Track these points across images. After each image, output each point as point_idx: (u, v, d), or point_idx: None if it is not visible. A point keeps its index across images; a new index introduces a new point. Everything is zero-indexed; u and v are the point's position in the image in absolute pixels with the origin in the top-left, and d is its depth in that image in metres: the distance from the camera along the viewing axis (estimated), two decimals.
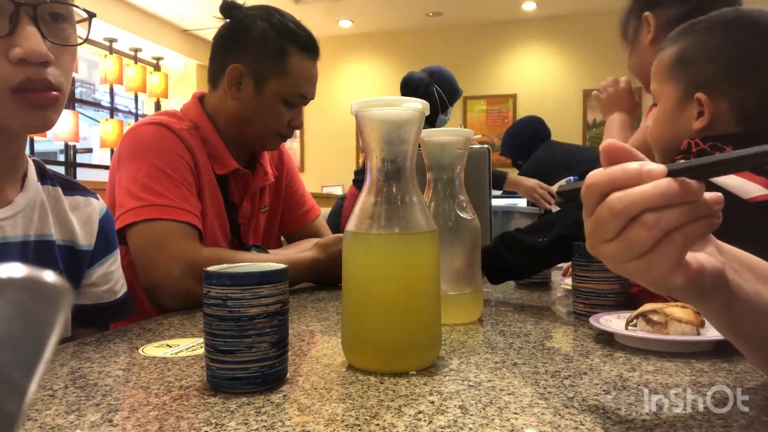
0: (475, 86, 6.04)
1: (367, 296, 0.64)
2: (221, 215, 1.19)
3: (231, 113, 1.21)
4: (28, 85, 0.67)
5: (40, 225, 0.78)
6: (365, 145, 0.64)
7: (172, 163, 1.08)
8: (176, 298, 1.01)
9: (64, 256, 0.82)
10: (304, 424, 0.47)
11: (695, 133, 0.87)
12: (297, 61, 1.19)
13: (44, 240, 0.78)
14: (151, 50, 5.59)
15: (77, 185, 0.88)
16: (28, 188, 0.77)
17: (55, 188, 0.82)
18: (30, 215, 0.77)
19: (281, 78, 1.18)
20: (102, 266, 0.88)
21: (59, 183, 0.83)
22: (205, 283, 0.55)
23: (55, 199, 0.82)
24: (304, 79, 1.21)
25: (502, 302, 1.07)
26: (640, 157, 0.42)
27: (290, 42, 1.19)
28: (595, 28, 5.62)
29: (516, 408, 0.50)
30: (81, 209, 0.85)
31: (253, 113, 1.20)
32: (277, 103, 1.20)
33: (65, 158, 4.77)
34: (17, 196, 0.76)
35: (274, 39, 1.18)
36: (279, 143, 1.28)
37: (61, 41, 0.70)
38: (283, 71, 1.18)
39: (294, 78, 1.19)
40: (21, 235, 0.75)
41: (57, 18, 0.70)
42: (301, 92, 1.21)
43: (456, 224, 0.85)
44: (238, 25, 1.21)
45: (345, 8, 5.62)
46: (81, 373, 0.62)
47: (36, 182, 0.79)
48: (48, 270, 0.18)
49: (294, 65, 1.19)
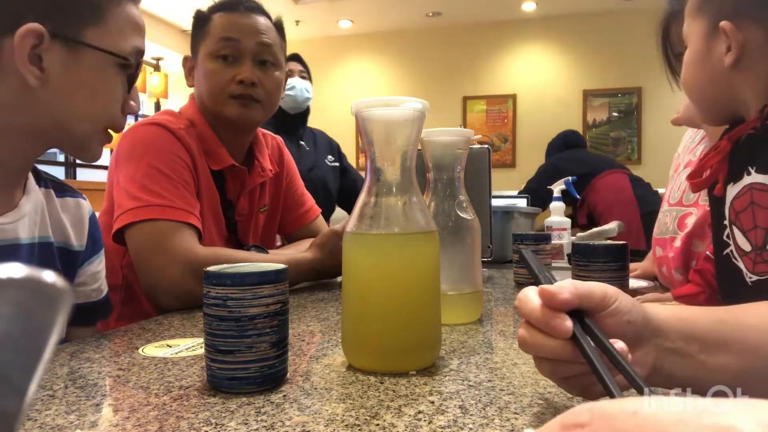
0: (474, 86, 6.04)
1: (367, 296, 0.64)
2: (217, 213, 1.19)
3: (198, 103, 1.23)
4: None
5: (42, 227, 0.80)
6: (365, 145, 0.64)
7: (170, 163, 1.08)
8: (175, 298, 1.01)
9: (60, 256, 0.83)
10: (304, 424, 0.47)
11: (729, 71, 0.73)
12: (217, 18, 1.20)
13: (45, 242, 0.80)
14: (150, 50, 5.59)
15: (67, 186, 0.89)
16: (30, 191, 0.79)
17: (48, 190, 0.83)
18: (34, 217, 0.78)
19: (205, 39, 1.20)
20: (91, 265, 0.90)
21: (51, 185, 0.85)
22: (205, 284, 0.55)
23: (49, 201, 0.83)
24: (225, 27, 1.19)
25: (502, 302, 1.07)
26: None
27: (215, 10, 1.21)
28: (595, 28, 5.63)
29: (516, 408, 0.50)
30: (72, 210, 0.86)
31: (200, 87, 1.21)
32: (207, 63, 1.19)
33: (65, 158, 4.76)
34: (22, 199, 0.77)
35: (203, 14, 1.22)
36: (237, 107, 1.18)
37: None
38: (205, 33, 1.20)
39: (214, 32, 1.19)
40: (28, 238, 0.77)
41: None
42: (222, 36, 1.17)
43: (456, 224, 0.85)
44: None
45: (345, 8, 5.61)
46: (81, 373, 0.62)
47: (35, 185, 0.81)
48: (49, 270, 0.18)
49: (213, 24, 1.20)
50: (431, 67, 6.09)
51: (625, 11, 5.33)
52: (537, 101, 5.88)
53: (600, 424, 0.21)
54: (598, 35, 5.55)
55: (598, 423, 0.21)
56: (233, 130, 1.22)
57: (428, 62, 6.12)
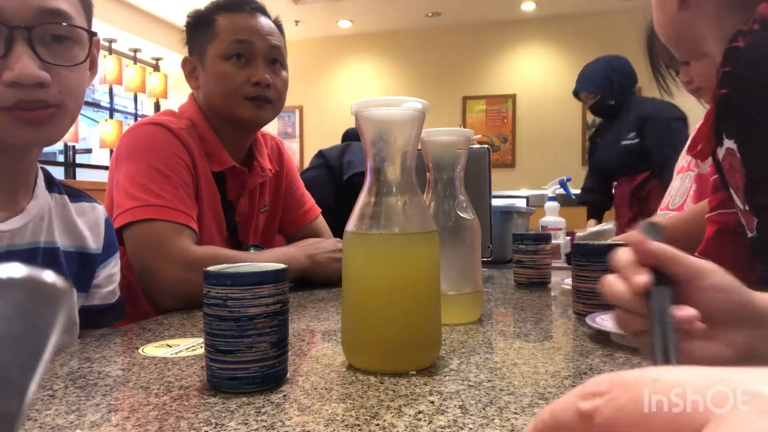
0: (474, 86, 6.04)
1: (368, 296, 0.64)
2: (218, 213, 1.19)
3: (204, 104, 1.22)
4: (22, 105, 0.68)
5: (48, 233, 0.80)
6: (365, 145, 0.64)
7: (169, 164, 1.08)
8: (173, 298, 1.01)
9: (75, 260, 0.85)
10: (304, 424, 0.47)
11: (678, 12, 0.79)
12: (223, 19, 1.20)
13: (50, 247, 0.80)
14: (150, 51, 5.59)
15: (82, 192, 0.91)
16: (38, 196, 0.80)
17: (61, 196, 0.85)
18: (39, 223, 0.79)
19: (214, 41, 1.20)
20: (106, 267, 0.91)
21: (65, 191, 0.86)
22: (205, 284, 0.55)
23: (62, 207, 0.84)
24: (236, 29, 1.19)
25: (502, 302, 1.07)
26: None
27: (215, 11, 1.21)
28: (594, 28, 5.62)
29: (516, 408, 0.50)
30: (88, 215, 0.88)
31: (209, 88, 1.21)
32: (219, 64, 1.19)
33: (64, 159, 4.75)
34: (28, 204, 0.78)
35: (203, 15, 1.22)
36: (252, 109, 1.19)
37: (64, 61, 0.72)
38: (213, 34, 1.20)
39: (224, 33, 1.19)
40: (28, 243, 0.77)
41: (60, 39, 0.72)
42: (234, 39, 1.18)
43: (456, 224, 0.85)
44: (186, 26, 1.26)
45: (344, 8, 5.61)
46: (81, 373, 0.62)
47: (44, 190, 0.82)
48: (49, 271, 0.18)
49: (221, 24, 1.20)
50: (431, 67, 6.09)
51: (624, 11, 5.33)
52: (537, 101, 5.88)
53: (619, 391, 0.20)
54: (598, 35, 5.54)
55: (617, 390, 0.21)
56: (241, 130, 1.23)
57: (428, 62, 6.12)
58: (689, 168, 1.25)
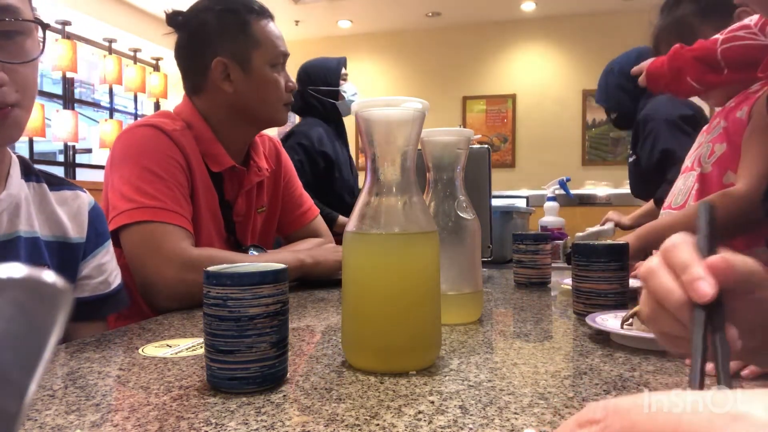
0: (474, 86, 6.04)
1: (367, 296, 0.64)
2: (216, 214, 1.19)
3: (229, 108, 1.22)
4: None
5: (27, 222, 0.79)
6: (365, 145, 0.64)
7: (164, 165, 1.09)
8: (170, 298, 1.01)
9: (56, 251, 0.83)
10: (304, 424, 0.47)
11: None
12: (261, 26, 1.23)
13: (30, 237, 0.79)
14: (150, 50, 5.58)
15: (64, 180, 0.88)
16: (11, 186, 0.78)
17: (40, 184, 0.83)
18: (15, 211, 0.77)
19: (259, 48, 1.21)
20: (95, 258, 0.89)
21: (44, 179, 0.84)
22: (205, 284, 0.55)
23: (41, 195, 0.82)
24: (276, 38, 1.25)
25: (502, 302, 1.07)
26: None
27: (245, 13, 1.22)
28: (594, 28, 5.62)
29: (516, 408, 0.50)
30: (69, 203, 0.86)
31: (252, 94, 1.22)
32: (268, 72, 1.22)
33: (64, 158, 4.75)
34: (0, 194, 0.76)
35: (233, 19, 1.21)
36: (287, 113, 1.29)
37: (18, 58, 0.70)
38: (256, 41, 1.21)
39: (268, 41, 1.23)
40: (4, 233, 0.76)
41: (10, 35, 0.69)
42: (281, 51, 1.25)
43: (456, 224, 0.85)
44: (193, 26, 1.23)
45: (344, 8, 5.61)
46: (81, 373, 0.62)
47: (20, 179, 0.80)
48: (41, 268, 0.18)
49: (260, 31, 1.22)
50: (431, 67, 6.09)
51: (625, 11, 5.33)
52: (536, 101, 5.88)
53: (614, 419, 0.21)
54: (598, 35, 5.54)
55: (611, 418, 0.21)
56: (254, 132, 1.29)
57: (428, 62, 6.11)
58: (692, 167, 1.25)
